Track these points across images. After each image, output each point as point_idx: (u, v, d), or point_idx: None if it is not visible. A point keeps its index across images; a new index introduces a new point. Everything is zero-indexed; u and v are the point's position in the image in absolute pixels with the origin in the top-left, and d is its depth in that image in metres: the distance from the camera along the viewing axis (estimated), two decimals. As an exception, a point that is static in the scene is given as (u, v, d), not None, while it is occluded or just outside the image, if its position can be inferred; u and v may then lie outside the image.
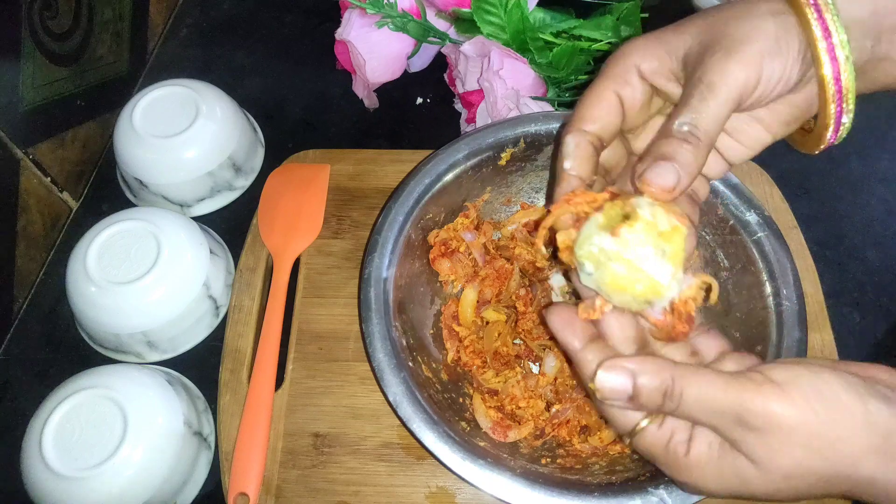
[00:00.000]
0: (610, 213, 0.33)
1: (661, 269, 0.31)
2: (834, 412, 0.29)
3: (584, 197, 0.34)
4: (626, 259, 0.31)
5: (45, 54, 0.57)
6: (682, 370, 0.30)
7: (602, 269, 0.32)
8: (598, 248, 0.32)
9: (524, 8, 0.59)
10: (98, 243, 0.51)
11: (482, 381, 0.50)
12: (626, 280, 0.32)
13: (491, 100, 0.58)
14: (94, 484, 0.43)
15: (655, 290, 0.32)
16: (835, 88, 0.34)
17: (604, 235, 0.32)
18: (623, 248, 0.31)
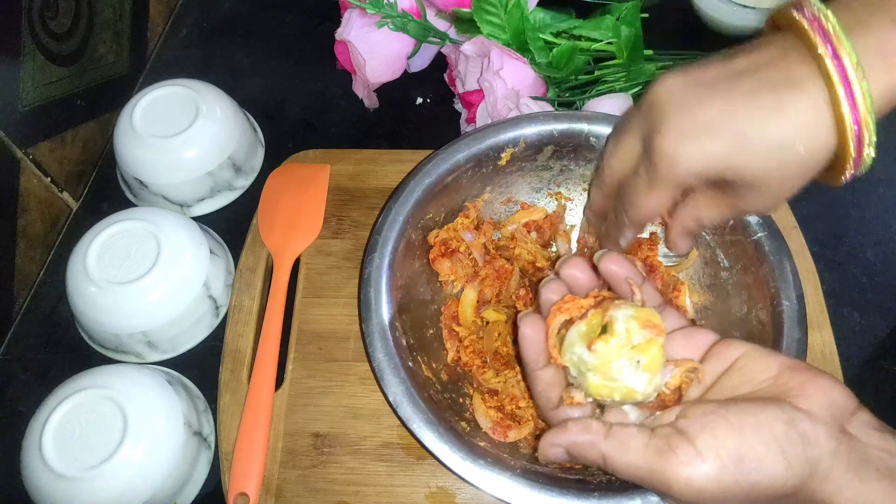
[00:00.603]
0: (591, 321, 0.35)
1: (636, 379, 0.33)
2: (755, 474, 0.30)
3: (572, 303, 0.36)
4: (602, 371, 0.33)
5: (45, 54, 0.57)
6: (611, 445, 0.33)
7: (582, 377, 0.34)
8: (577, 357, 0.34)
9: (524, 8, 0.59)
10: (98, 243, 0.51)
11: (482, 381, 0.50)
12: (605, 388, 0.34)
13: (491, 100, 0.58)
14: (94, 484, 0.43)
15: (632, 395, 0.34)
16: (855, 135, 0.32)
17: (582, 347, 0.34)
18: (599, 361, 0.34)
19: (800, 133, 0.32)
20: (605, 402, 0.35)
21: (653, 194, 0.37)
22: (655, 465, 0.31)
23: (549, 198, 0.56)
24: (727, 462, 0.30)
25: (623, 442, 0.32)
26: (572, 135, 0.51)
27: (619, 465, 0.32)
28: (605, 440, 0.33)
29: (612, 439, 0.33)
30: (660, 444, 0.31)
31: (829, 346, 0.52)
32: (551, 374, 0.37)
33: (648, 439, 0.32)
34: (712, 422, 0.31)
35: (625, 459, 0.32)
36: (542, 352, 0.37)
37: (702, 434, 0.31)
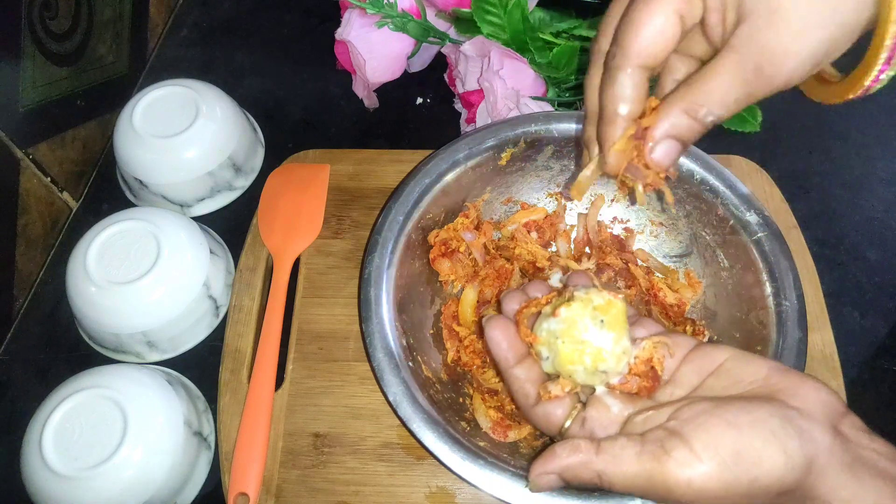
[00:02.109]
0: (556, 303, 0.36)
1: (602, 337, 0.34)
2: (755, 470, 0.30)
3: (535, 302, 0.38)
4: (570, 334, 0.35)
5: (45, 54, 0.57)
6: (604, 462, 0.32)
7: (553, 350, 0.36)
8: (546, 331, 0.36)
9: (524, 8, 0.59)
10: (98, 243, 0.51)
11: (482, 381, 0.50)
12: (574, 353, 0.35)
13: (491, 100, 0.58)
14: (94, 484, 0.43)
15: (601, 356, 0.34)
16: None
17: (549, 320, 0.36)
18: (565, 325, 0.35)
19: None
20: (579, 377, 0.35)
21: (655, 7, 0.31)
22: (654, 471, 0.31)
23: (549, 198, 0.56)
24: (727, 460, 0.30)
25: (616, 454, 0.32)
26: (572, 135, 0.51)
27: (617, 479, 0.32)
28: (597, 457, 0.32)
29: (604, 454, 0.32)
30: (654, 450, 0.31)
31: (829, 346, 0.52)
32: (525, 371, 0.37)
33: (641, 446, 0.32)
34: (706, 421, 0.31)
35: (621, 471, 0.31)
36: (510, 349, 0.38)
37: (697, 433, 0.31)
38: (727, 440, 0.30)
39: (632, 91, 0.32)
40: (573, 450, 0.33)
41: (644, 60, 0.32)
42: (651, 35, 0.31)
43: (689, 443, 0.31)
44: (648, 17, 0.31)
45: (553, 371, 0.36)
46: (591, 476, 0.32)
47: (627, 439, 0.32)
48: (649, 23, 0.31)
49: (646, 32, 0.31)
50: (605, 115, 0.34)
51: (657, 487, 0.31)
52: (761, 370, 0.33)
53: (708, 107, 0.31)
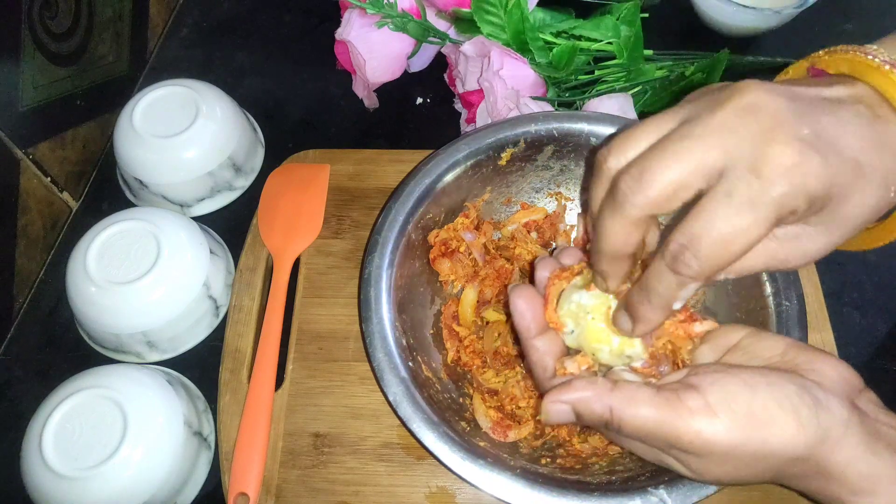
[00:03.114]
0: (587, 276, 0.35)
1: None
2: (766, 431, 0.30)
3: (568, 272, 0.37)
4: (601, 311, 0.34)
5: (45, 54, 0.57)
6: (618, 398, 0.31)
7: (580, 325, 0.35)
8: (575, 303, 0.35)
9: (524, 8, 0.59)
10: (98, 243, 0.51)
11: (482, 381, 0.50)
12: (602, 333, 0.34)
13: (491, 100, 0.58)
14: (94, 484, 0.43)
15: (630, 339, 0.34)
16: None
17: (580, 292, 0.35)
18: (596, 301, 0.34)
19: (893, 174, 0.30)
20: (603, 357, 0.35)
21: (753, 220, 0.28)
22: (666, 417, 0.30)
23: (549, 198, 0.56)
24: (739, 417, 0.29)
25: (631, 395, 0.31)
26: (572, 135, 0.51)
27: (627, 418, 0.31)
28: (612, 393, 0.32)
29: (619, 392, 0.32)
30: (670, 396, 0.31)
31: (829, 346, 0.52)
32: (546, 342, 0.37)
33: (657, 392, 0.31)
34: (722, 377, 0.31)
35: (632, 411, 0.31)
36: (534, 319, 0.37)
37: (712, 388, 0.30)
38: (742, 398, 0.30)
39: (692, 293, 0.31)
40: (590, 383, 0.33)
41: (716, 272, 0.29)
42: (739, 248, 0.28)
43: (704, 395, 0.30)
44: (745, 230, 0.28)
45: (576, 346, 0.36)
46: (603, 411, 0.32)
47: (644, 384, 0.32)
48: (743, 235, 0.28)
49: (735, 245, 0.28)
50: (656, 302, 0.32)
51: (666, 434, 0.30)
52: (778, 346, 0.34)
53: (726, 273, 0.32)
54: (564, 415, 0.33)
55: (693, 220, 0.29)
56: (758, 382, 0.30)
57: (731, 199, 0.28)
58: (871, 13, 0.75)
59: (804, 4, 0.66)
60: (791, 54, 0.67)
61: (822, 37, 0.72)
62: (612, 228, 0.31)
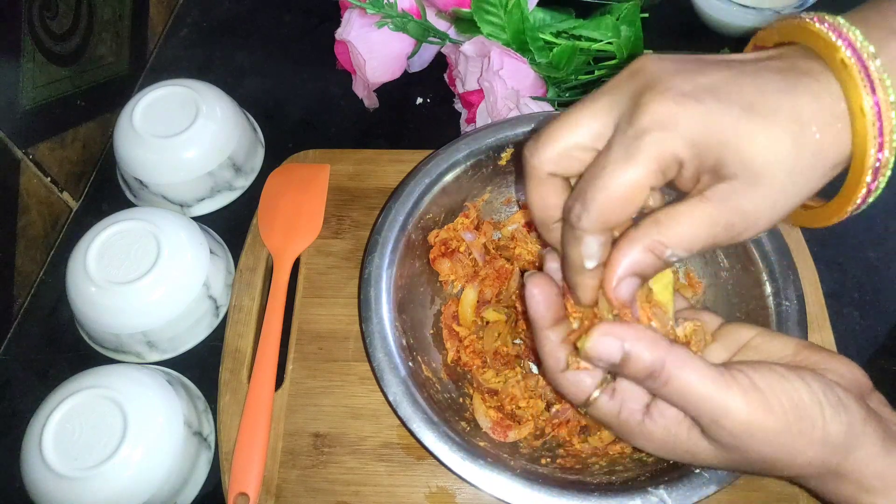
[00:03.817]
0: None
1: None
2: (802, 423, 0.29)
3: None
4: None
5: (45, 54, 0.57)
6: (675, 356, 0.30)
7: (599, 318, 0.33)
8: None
9: (524, 8, 0.59)
10: (98, 243, 0.51)
11: (482, 381, 0.50)
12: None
13: (491, 100, 0.58)
14: (94, 484, 0.43)
15: None
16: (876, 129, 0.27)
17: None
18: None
19: (814, 115, 0.28)
20: None
21: (629, 169, 0.28)
22: (719, 387, 0.29)
23: (549, 198, 0.56)
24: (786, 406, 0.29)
25: (688, 357, 0.30)
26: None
27: (678, 381, 0.29)
28: (670, 348, 0.30)
29: (676, 350, 0.30)
30: (722, 370, 0.30)
31: (829, 346, 0.52)
32: (560, 334, 0.35)
33: (709, 363, 0.30)
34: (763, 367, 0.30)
35: (686, 375, 0.29)
36: (549, 308, 0.35)
37: (757, 374, 0.30)
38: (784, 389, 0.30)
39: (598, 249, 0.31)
40: (649, 331, 0.31)
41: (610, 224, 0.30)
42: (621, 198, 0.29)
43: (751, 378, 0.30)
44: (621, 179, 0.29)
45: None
46: (654, 361, 0.30)
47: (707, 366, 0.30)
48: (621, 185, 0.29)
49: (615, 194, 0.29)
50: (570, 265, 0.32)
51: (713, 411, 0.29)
52: (789, 346, 0.33)
53: (672, 248, 0.30)
54: (611, 351, 0.30)
55: (582, 179, 0.30)
56: (792, 376, 0.30)
57: (609, 151, 0.29)
58: (871, 13, 0.75)
59: (804, 4, 0.66)
60: (791, 54, 0.67)
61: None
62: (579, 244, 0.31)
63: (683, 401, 0.30)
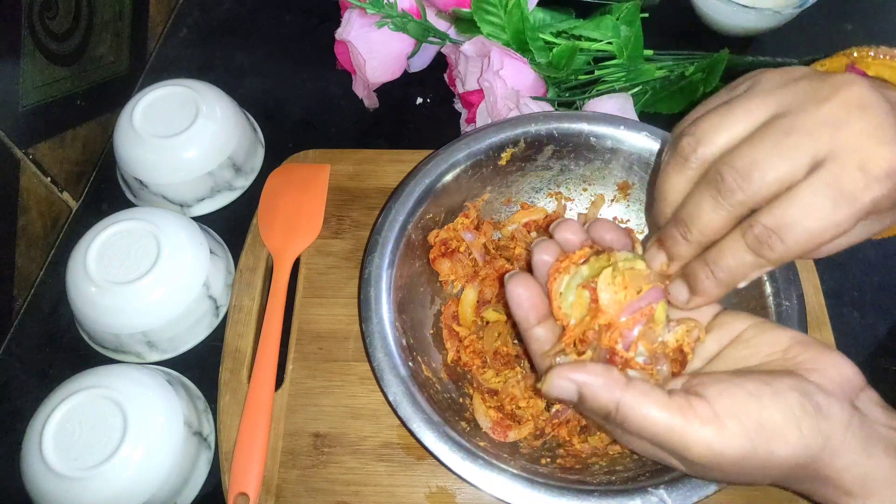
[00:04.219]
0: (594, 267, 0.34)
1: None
2: (773, 442, 0.29)
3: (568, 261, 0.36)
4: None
5: (45, 54, 0.57)
6: (629, 395, 0.31)
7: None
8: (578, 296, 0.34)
9: (524, 8, 0.59)
10: (98, 243, 0.51)
11: (482, 381, 0.50)
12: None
13: (491, 100, 0.58)
14: (94, 484, 0.43)
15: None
16: None
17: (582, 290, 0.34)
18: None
19: None
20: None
21: (847, 213, 0.28)
22: (676, 424, 0.30)
23: (549, 198, 0.56)
24: (749, 429, 0.29)
25: (644, 393, 0.30)
26: (572, 135, 0.51)
27: (635, 418, 0.30)
28: (624, 387, 0.31)
29: (632, 388, 0.31)
30: (682, 403, 0.30)
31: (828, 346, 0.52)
32: (545, 332, 0.36)
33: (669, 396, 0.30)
34: (728, 389, 0.30)
35: (642, 412, 0.30)
36: (533, 308, 0.36)
37: (720, 398, 0.30)
38: (750, 409, 0.30)
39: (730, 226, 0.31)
40: (605, 371, 0.31)
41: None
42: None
43: (712, 404, 0.30)
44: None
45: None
46: (607, 402, 0.31)
47: (656, 388, 0.31)
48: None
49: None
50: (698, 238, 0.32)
51: (674, 442, 0.30)
52: (782, 341, 0.33)
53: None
54: (567, 392, 0.32)
55: (787, 207, 0.29)
56: (763, 393, 0.30)
57: (829, 191, 0.28)
58: (871, 13, 0.75)
59: (804, 4, 0.66)
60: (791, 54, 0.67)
61: (822, 37, 0.72)
62: (710, 217, 0.31)
63: (643, 436, 0.31)
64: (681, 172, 0.32)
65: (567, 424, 0.47)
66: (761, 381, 0.31)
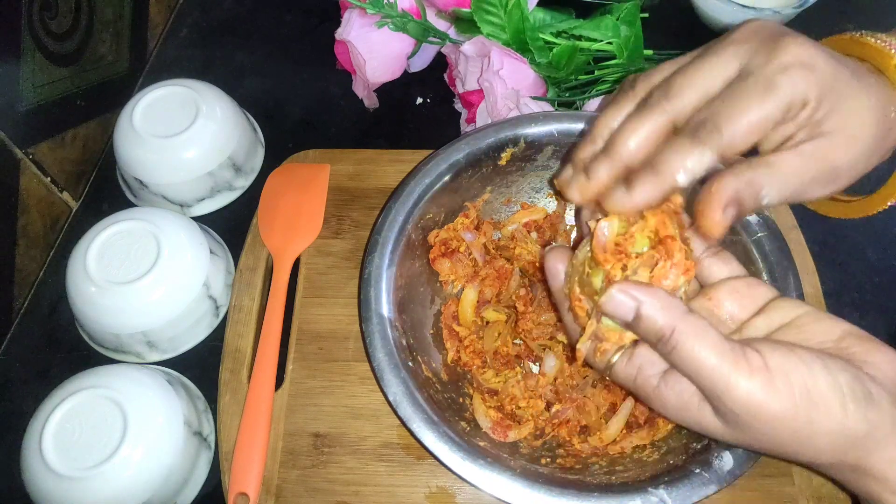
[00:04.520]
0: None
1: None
2: (815, 411, 0.29)
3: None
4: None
5: (45, 54, 0.57)
6: (686, 324, 0.30)
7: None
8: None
9: (524, 8, 0.59)
10: (98, 243, 0.51)
11: (482, 381, 0.50)
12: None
13: (491, 100, 0.58)
14: (94, 484, 0.43)
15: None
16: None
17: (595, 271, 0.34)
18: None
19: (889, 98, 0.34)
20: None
21: (769, 99, 0.31)
22: (725, 363, 0.29)
23: (549, 198, 0.56)
24: (794, 390, 0.29)
25: (700, 329, 0.30)
26: (572, 135, 0.51)
27: (685, 349, 0.30)
28: (683, 317, 0.30)
29: (691, 318, 0.30)
30: (734, 347, 0.30)
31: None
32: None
33: (724, 338, 0.30)
34: (782, 351, 0.30)
35: (694, 345, 0.30)
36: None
37: (773, 355, 0.30)
38: (800, 373, 0.29)
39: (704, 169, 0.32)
40: (667, 297, 0.31)
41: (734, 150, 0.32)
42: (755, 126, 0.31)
43: (765, 357, 0.30)
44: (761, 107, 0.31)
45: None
46: (664, 325, 0.30)
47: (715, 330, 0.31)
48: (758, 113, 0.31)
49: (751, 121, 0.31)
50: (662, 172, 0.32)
51: (716, 385, 0.29)
52: (835, 331, 0.33)
53: (767, 190, 0.32)
54: (624, 308, 0.31)
55: (713, 105, 0.32)
56: (814, 362, 0.30)
57: (746, 82, 0.31)
58: (872, 13, 0.75)
59: (804, 4, 0.66)
60: (791, 54, 0.67)
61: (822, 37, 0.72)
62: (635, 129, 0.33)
63: (689, 370, 0.30)
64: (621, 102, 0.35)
65: (567, 424, 0.47)
66: (815, 354, 0.30)
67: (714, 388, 0.30)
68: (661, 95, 0.33)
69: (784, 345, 0.31)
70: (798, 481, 0.46)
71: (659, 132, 0.33)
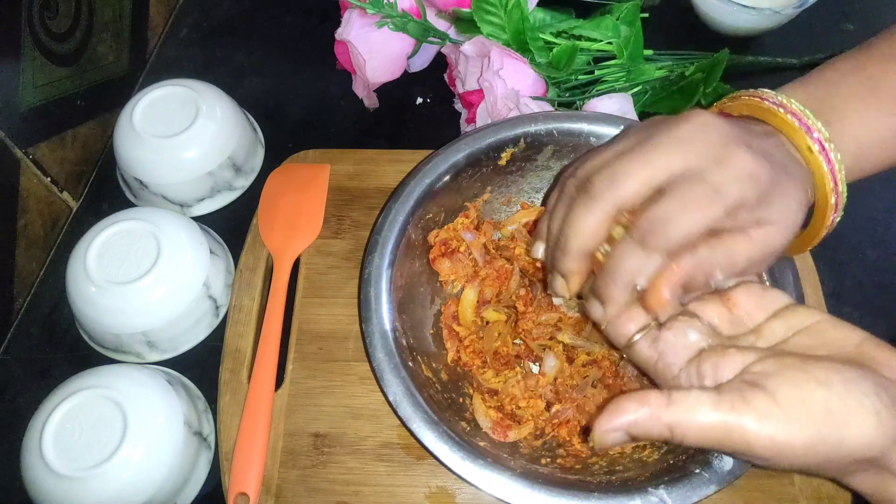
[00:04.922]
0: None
1: None
2: (844, 430, 0.29)
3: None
4: None
5: (45, 54, 0.57)
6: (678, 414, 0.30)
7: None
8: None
9: (524, 8, 0.59)
10: (98, 243, 0.51)
11: (482, 381, 0.50)
12: None
13: (491, 100, 0.58)
14: (94, 484, 0.43)
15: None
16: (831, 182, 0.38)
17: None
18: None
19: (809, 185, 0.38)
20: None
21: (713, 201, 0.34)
22: (732, 423, 0.29)
23: (549, 198, 0.56)
24: (816, 417, 0.28)
25: (690, 405, 0.30)
26: (572, 135, 0.51)
27: (691, 432, 0.30)
28: (668, 409, 0.30)
29: (675, 406, 0.30)
30: (734, 399, 0.29)
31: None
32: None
33: (719, 396, 0.30)
34: (793, 376, 0.30)
35: (696, 423, 0.29)
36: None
37: (782, 388, 0.29)
38: (817, 396, 0.29)
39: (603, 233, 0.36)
40: (641, 402, 0.31)
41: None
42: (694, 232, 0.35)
43: (773, 395, 0.29)
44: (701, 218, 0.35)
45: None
46: (661, 430, 0.30)
47: (701, 390, 0.31)
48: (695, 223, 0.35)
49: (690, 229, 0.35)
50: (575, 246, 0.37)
51: (735, 441, 0.29)
52: (854, 337, 0.33)
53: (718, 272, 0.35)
54: (619, 440, 0.32)
55: (662, 202, 0.34)
56: (832, 379, 0.29)
57: (696, 186, 0.34)
58: (872, 13, 0.75)
59: (804, 4, 0.66)
60: (791, 54, 0.67)
61: (822, 37, 0.72)
62: (584, 222, 0.36)
63: (705, 444, 0.30)
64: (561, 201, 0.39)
65: (567, 424, 0.47)
66: (831, 369, 0.30)
67: (734, 448, 0.30)
68: (608, 186, 0.35)
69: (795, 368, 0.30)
70: (798, 481, 0.46)
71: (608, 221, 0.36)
